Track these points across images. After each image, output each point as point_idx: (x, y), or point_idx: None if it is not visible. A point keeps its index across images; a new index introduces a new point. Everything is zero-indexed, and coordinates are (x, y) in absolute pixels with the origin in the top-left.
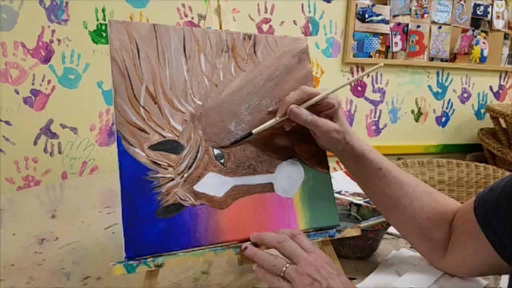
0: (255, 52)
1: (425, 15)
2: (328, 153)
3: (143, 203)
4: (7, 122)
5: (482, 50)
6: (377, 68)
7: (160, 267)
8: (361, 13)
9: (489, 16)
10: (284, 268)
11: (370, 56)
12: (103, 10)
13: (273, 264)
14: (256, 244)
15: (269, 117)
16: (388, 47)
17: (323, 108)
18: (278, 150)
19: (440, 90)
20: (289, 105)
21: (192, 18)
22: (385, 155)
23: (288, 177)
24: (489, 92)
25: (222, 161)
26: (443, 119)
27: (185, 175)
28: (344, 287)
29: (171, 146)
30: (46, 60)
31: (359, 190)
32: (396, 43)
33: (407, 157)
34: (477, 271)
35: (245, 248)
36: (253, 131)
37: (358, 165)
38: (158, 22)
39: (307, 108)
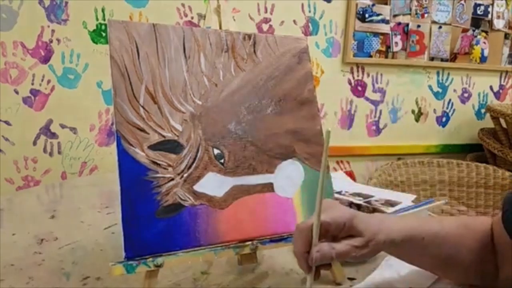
0: (255, 52)
1: (426, 15)
2: (328, 153)
3: (142, 203)
4: (6, 122)
5: (482, 50)
6: None
7: (160, 267)
8: (361, 12)
9: (489, 16)
10: None
11: (370, 56)
12: (103, 10)
13: None
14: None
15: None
16: (388, 47)
17: (337, 232)
18: (278, 150)
19: (440, 90)
20: (304, 258)
21: (192, 17)
22: (385, 155)
23: (288, 177)
24: (489, 92)
25: (222, 161)
26: (444, 119)
27: (185, 175)
28: None
29: (171, 146)
30: (46, 60)
31: (359, 190)
32: (396, 43)
33: (407, 157)
34: None
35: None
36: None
37: (403, 249)
38: (158, 21)
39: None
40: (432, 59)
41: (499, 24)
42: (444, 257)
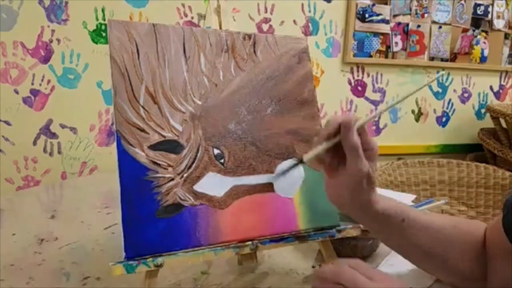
0: (255, 52)
1: (426, 15)
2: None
3: (142, 203)
4: (6, 122)
5: (482, 50)
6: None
7: (160, 267)
8: (361, 12)
9: (489, 16)
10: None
11: (371, 56)
12: (103, 10)
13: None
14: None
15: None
16: (388, 47)
17: (365, 146)
18: (278, 150)
19: (440, 90)
20: (337, 123)
21: (192, 17)
22: (385, 155)
23: (288, 177)
24: (489, 92)
25: (222, 161)
26: (444, 119)
27: (185, 175)
28: None
29: (171, 146)
30: (46, 60)
31: None
32: (396, 43)
33: (408, 157)
34: None
35: None
36: (304, 159)
37: (379, 223)
38: (158, 21)
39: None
40: (432, 59)
41: (499, 24)
42: (424, 248)
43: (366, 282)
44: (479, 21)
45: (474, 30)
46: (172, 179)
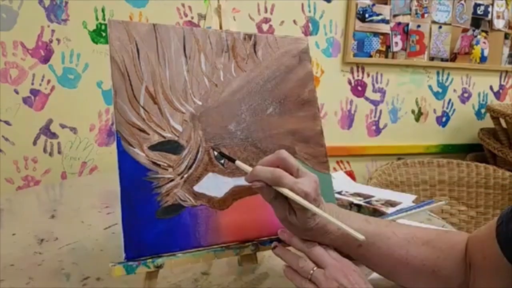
0: (255, 52)
1: (426, 15)
2: (328, 153)
3: (142, 204)
4: (6, 122)
5: (482, 50)
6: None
7: (160, 268)
8: (361, 12)
9: (489, 15)
10: (311, 271)
11: (371, 56)
12: (103, 10)
13: (301, 266)
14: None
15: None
16: (388, 47)
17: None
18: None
19: (440, 90)
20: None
21: (192, 17)
22: (385, 155)
23: None
24: (489, 92)
25: (222, 161)
26: (444, 119)
27: (185, 175)
28: None
29: (171, 147)
30: (46, 60)
31: (359, 190)
32: (396, 42)
33: (408, 157)
34: None
35: (275, 246)
36: (236, 162)
37: (337, 246)
38: (158, 22)
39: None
40: (432, 59)
41: (499, 24)
42: (389, 268)
43: (332, 260)
44: (479, 21)
45: (474, 30)
46: (172, 180)
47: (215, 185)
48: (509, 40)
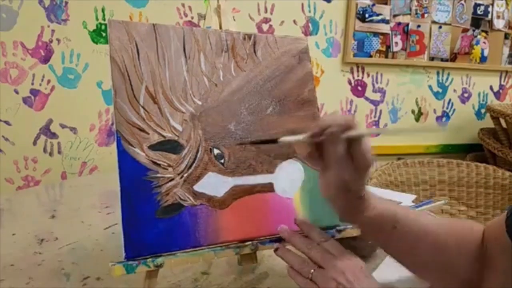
0: (255, 52)
1: (426, 15)
2: None
3: (142, 203)
4: (6, 122)
5: (482, 50)
6: None
7: (160, 268)
8: (361, 12)
9: (489, 16)
10: (311, 272)
11: (371, 56)
12: (103, 10)
13: (301, 267)
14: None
15: (299, 128)
16: (388, 47)
17: (357, 156)
18: (278, 150)
19: (440, 90)
20: (326, 127)
21: (192, 17)
22: (385, 155)
23: (288, 177)
24: (489, 92)
25: (222, 161)
26: (444, 119)
27: (185, 175)
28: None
29: (171, 146)
30: (46, 60)
31: None
32: (396, 42)
33: (408, 157)
34: None
35: (277, 248)
36: (279, 139)
37: (370, 229)
38: (158, 21)
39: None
40: (432, 59)
41: (499, 24)
42: (422, 258)
43: (331, 259)
44: (479, 21)
45: (474, 30)
46: (172, 179)
47: (215, 184)
48: (509, 40)
